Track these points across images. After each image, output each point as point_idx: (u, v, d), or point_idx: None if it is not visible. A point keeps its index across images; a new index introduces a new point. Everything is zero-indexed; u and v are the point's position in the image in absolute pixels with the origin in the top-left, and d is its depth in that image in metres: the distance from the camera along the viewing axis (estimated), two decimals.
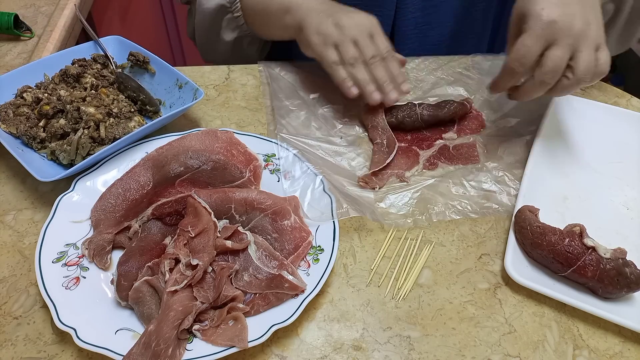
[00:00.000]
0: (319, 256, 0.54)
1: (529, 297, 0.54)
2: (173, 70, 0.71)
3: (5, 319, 0.51)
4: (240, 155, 0.62)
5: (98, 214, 0.57)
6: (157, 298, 0.50)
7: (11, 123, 0.64)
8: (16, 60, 0.81)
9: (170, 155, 0.60)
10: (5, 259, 0.56)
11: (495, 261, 0.58)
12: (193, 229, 0.53)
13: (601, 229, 0.59)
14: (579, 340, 0.51)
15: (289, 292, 0.51)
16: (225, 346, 0.47)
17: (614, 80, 2.12)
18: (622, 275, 0.51)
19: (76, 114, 0.64)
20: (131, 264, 0.52)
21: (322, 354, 0.50)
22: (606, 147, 0.70)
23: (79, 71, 0.70)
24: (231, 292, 0.51)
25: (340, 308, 0.53)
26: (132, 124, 0.68)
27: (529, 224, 0.56)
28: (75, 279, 0.52)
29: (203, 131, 0.64)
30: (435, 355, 0.50)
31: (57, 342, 0.50)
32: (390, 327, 0.52)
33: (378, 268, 0.56)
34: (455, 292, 0.55)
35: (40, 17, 0.89)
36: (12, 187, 0.63)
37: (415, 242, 0.59)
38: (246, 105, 0.75)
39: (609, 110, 0.74)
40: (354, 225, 0.60)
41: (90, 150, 0.63)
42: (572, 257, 0.53)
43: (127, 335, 0.49)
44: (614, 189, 0.65)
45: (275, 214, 0.56)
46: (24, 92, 0.68)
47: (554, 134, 0.70)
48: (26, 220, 0.60)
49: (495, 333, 0.52)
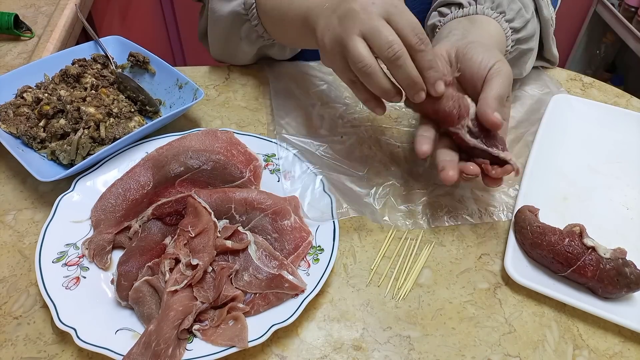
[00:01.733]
0: (319, 256, 0.54)
1: (529, 297, 0.54)
2: (173, 70, 0.72)
3: (5, 319, 0.51)
4: (240, 155, 0.62)
5: (98, 214, 0.57)
6: (157, 298, 0.50)
7: (11, 123, 0.64)
8: (16, 60, 0.81)
9: (170, 155, 0.60)
10: (5, 259, 0.56)
11: (495, 261, 0.58)
12: (193, 229, 0.53)
13: (601, 229, 0.59)
14: (579, 340, 0.51)
15: (289, 292, 0.51)
16: (225, 346, 0.47)
17: (614, 80, 2.12)
18: (622, 275, 0.51)
19: (76, 114, 0.64)
20: (131, 264, 0.52)
21: (322, 354, 0.50)
22: (606, 147, 0.70)
23: (79, 71, 0.70)
24: (231, 292, 0.51)
25: (340, 308, 0.53)
26: (132, 124, 0.68)
27: (529, 224, 0.56)
28: (75, 279, 0.52)
29: (203, 131, 0.64)
30: (435, 355, 0.50)
31: (57, 342, 0.50)
32: (390, 327, 0.52)
33: (378, 268, 0.56)
34: (455, 292, 0.55)
35: (40, 17, 0.89)
36: (12, 187, 0.63)
37: (415, 242, 0.59)
38: (246, 105, 0.75)
39: (608, 110, 0.74)
40: (354, 225, 0.60)
41: (90, 150, 0.63)
42: (572, 257, 0.53)
43: (127, 335, 0.49)
44: (614, 189, 0.65)
45: (275, 214, 0.56)
46: (24, 92, 0.68)
47: (554, 134, 0.70)
48: (26, 220, 0.60)
49: (495, 333, 0.52)
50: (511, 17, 0.65)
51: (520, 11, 0.66)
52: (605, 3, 1.92)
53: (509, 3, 0.65)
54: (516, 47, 0.67)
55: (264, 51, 0.78)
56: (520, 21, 0.65)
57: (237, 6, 0.70)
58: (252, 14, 0.70)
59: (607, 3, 1.91)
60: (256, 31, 0.72)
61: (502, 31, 0.64)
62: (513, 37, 0.65)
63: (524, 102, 0.75)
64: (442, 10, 0.69)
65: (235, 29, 0.73)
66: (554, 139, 0.69)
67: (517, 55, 0.69)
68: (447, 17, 0.67)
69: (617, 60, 2.16)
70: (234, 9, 0.71)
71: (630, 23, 1.79)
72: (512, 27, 0.65)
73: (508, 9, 0.65)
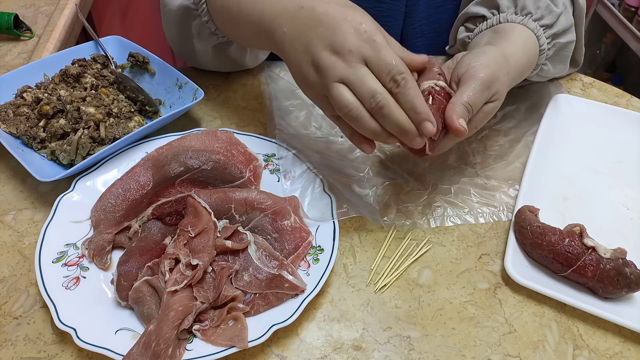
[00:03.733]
0: (319, 256, 0.54)
1: (529, 297, 0.54)
2: (173, 70, 0.71)
3: (5, 319, 0.51)
4: (240, 155, 0.62)
5: (98, 214, 0.57)
6: (157, 298, 0.50)
7: (11, 123, 0.64)
8: (16, 60, 0.81)
9: (170, 155, 0.60)
10: (5, 259, 0.56)
11: (495, 261, 0.58)
12: (193, 229, 0.53)
13: (601, 229, 0.59)
14: (579, 340, 0.51)
15: (289, 292, 0.51)
16: (225, 346, 0.47)
17: (614, 80, 2.11)
18: (622, 275, 0.51)
19: (76, 114, 0.64)
20: (131, 264, 0.52)
21: (322, 354, 0.50)
22: (606, 147, 0.70)
23: (79, 71, 0.70)
24: (231, 292, 0.51)
25: (340, 308, 0.53)
26: (132, 124, 0.68)
27: (529, 224, 0.56)
28: (75, 279, 0.52)
29: (203, 131, 0.64)
30: (435, 355, 0.50)
31: (57, 342, 0.50)
32: (390, 327, 0.52)
33: (378, 268, 0.56)
34: (455, 292, 0.55)
35: (40, 17, 0.89)
36: (12, 187, 0.63)
37: (416, 242, 0.59)
38: (246, 105, 0.75)
39: (609, 110, 0.74)
40: (354, 225, 0.60)
41: (90, 150, 0.63)
42: (572, 257, 0.53)
43: (127, 335, 0.49)
44: (614, 189, 0.65)
45: (275, 214, 0.56)
46: (24, 92, 0.68)
47: (554, 134, 0.70)
48: (26, 220, 0.60)
49: (495, 333, 0.52)
50: (539, 16, 0.63)
51: (549, 7, 0.64)
52: (605, 3, 1.92)
53: (534, 2, 0.63)
54: (554, 42, 0.66)
55: (222, 51, 0.71)
56: (551, 17, 0.64)
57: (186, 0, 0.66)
58: (202, 9, 0.65)
59: (607, 3, 1.90)
60: (208, 28, 0.66)
61: (531, 33, 0.62)
62: (547, 33, 0.64)
63: (524, 102, 0.75)
64: (468, 26, 0.69)
65: (186, 25, 0.68)
66: (554, 139, 0.69)
67: (557, 50, 0.68)
68: (474, 32, 0.67)
69: (617, 60, 2.16)
70: (183, 3, 0.66)
71: (630, 23, 1.78)
72: (543, 25, 0.63)
73: (534, 7, 0.63)
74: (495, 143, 0.70)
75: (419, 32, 0.84)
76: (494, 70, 0.54)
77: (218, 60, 0.74)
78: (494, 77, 0.54)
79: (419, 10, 0.81)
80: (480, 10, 0.67)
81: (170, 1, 0.68)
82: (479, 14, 0.67)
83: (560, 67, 0.71)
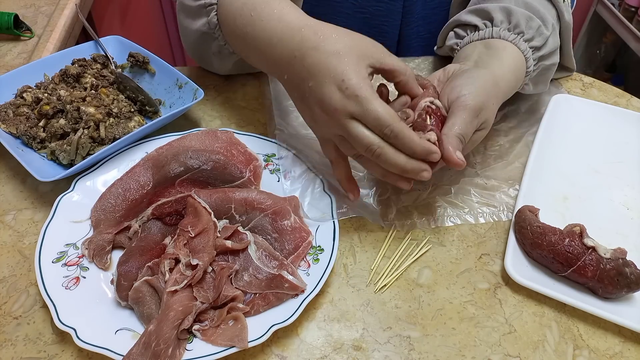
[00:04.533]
0: (319, 256, 0.54)
1: (529, 297, 0.54)
2: (173, 70, 0.71)
3: (5, 319, 0.51)
4: (240, 155, 0.62)
5: (98, 214, 0.57)
6: (157, 298, 0.50)
7: (11, 123, 0.64)
8: (16, 60, 0.81)
9: (170, 155, 0.60)
10: (5, 259, 0.56)
11: (495, 261, 0.58)
12: (193, 229, 0.53)
13: (601, 229, 0.59)
14: (579, 340, 0.51)
15: (289, 292, 0.51)
16: (225, 346, 0.47)
17: (614, 80, 2.12)
18: (622, 275, 0.51)
19: (76, 114, 0.64)
20: (131, 264, 0.52)
21: (322, 354, 0.50)
22: (606, 147, 0.70)
23: (79, 71, 0.70)
24: (231, 292, 0.51)
25: (340, 308, 0.53)
26: (132, 124, 0.68)
27: (529, 224, 0.56)
28: (75, 279, 0.52)
29: (203, 131, 0.64)
30: (435, 355, 0.50)
31: (57, 342, 0.50)
32: (390, 327, 0.52)
33: (378, 268, 0.56)
34: (455, 292, 0.55)
35: (40, 17, 0.89)
36: (12, 187, 0.63)
37: (416, 242, 0.59)
38: (246, 105, 0.75)
39: (609, 110, 0.74)
40: (354, 225, 0.60)
41: (90, 150, 0.63)
42: (572, 257, 0.53)
43: (127, 335, 0.49)
44: (614, 189, 0.65)
45: (275, 214, 0.56)
46: (24, 92, 0.68)
47: (554, 134, 0.70)
48: (26, 220, 0.60)
49: (495, 333, 0.52)
50: (530, 37, 0.63)
51: (540, 28, 0.63)
52: (605, 3, 1.92)
53: (527, 21, 0.63)
54: (539, 64, 0.66)
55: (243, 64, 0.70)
56: (541, 39, 0.64)
57: (203, 26, 0.67)
58: (218, 34, 0.66)
59: (607, 3, 1.91)
60: (227, 49, 0.68)
61: (521, 54, 0.62)
62: (534, 55, 0.64)
63: (524, 102, 0.75)
64: (458, 32, 0.69)
65: (206, 45, 0.70)
66: (554, 139, 0.69)
67: (541, 72, 0.68)
68: (464, 40, 0.67)
69: (617, 60, 2.16)
70: (200, 29, 0.67)
71: (630, 23, 1.79)
72: (533, 47, 0.63)
73: (526, 27, 0.63)
74: (495, 143, 0.70)
75: (415, 33, 0.84)
76: (484, 100, 0.55)
77: (237, 71, 0.77)
78: (483, 106, 0.55)
79: (416, 11, 0.81)
80: (473, 20, 0.66)
81: (188, 25, 0.69)
82: (471, 23, 0.67)
83: (541, 87, 0.71)
